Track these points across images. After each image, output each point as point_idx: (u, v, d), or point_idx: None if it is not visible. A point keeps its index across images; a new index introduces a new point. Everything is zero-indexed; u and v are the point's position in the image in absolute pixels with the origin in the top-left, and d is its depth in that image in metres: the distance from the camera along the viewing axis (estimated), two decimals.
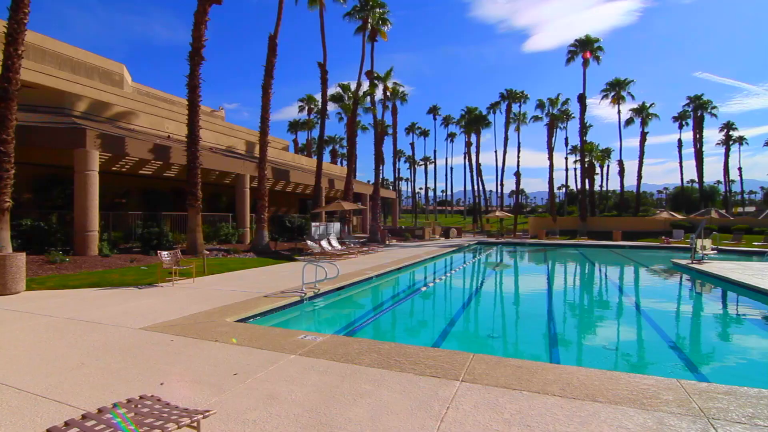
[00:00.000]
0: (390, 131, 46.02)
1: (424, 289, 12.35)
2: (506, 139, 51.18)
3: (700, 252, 15.42)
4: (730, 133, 61.55)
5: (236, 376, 4.19)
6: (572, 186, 69.08)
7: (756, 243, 23.27)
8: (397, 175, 66.40)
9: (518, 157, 48.86)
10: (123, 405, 2.74)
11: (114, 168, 18.07)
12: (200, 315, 6.81)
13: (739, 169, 71.93)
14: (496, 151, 78.88)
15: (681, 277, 14.10)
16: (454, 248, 22.85)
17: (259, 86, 19.03)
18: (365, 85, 28.45)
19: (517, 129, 50.81)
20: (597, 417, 3.34)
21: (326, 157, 63.56)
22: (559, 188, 72.17)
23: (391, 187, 68.23)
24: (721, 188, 66.33)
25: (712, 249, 18.11)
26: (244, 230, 21.21)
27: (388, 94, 36.79)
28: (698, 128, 52.75)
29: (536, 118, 48.45)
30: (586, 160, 44.91)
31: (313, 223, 20.66)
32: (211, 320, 6.46)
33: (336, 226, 22.05)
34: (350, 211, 27.53)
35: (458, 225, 47.16)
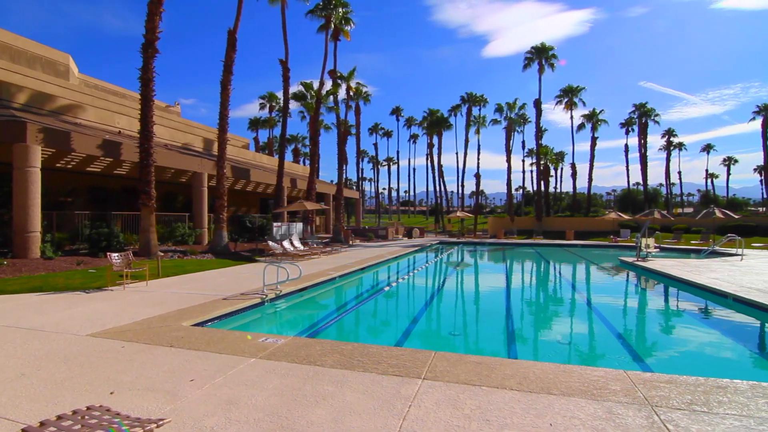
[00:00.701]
0: (353, 131, 45.89)
1: (387, 288, 12.42)
2: (467, 141, 52.42)
3: (645, 250, 16.44)
4: (671, 139, 66.20)
5: (193, 382, 4.04)
6: (529, 187, 71.66)
7: (694, 241, 25.11)
8: (360, 176, 66.41)
9: (478, 159, 50.20)
10: (68, 417, 2.58)
11: (58, 164, 16.91)
12: (154, 319, 6.51)
13: (679, 172, 77.52)
14: (457, 153, 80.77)
15: (628, 274, 14.98)
16: (416, 248, 23.11)
17: (217, 82, 18.43)
18: (328, 84, 28.23)
19: (477, 132, 52.09)
20: (551, 409, 3.49)
21: (288, 156, 62.54)
22: (516, 189, 74.81)
23: (354, 187, 68.07)
24: (663, 190, 71.10)
25: (656, 247, 19.37)
26: (201, 231, 20.46)
27: (351, 93, 36.67)
28: (643, 134, 56.40)
29: (495, 122, 49.83)
30: (542, 162, 46.76)
31: (275, 224, 20.26)
32: (165, 325, 6.19)
33: (298, 227, 21.73)
34: (313, 211, 27.21)
35: (421, 225, 47.79)
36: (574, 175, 58.30)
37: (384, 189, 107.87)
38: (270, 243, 16.39)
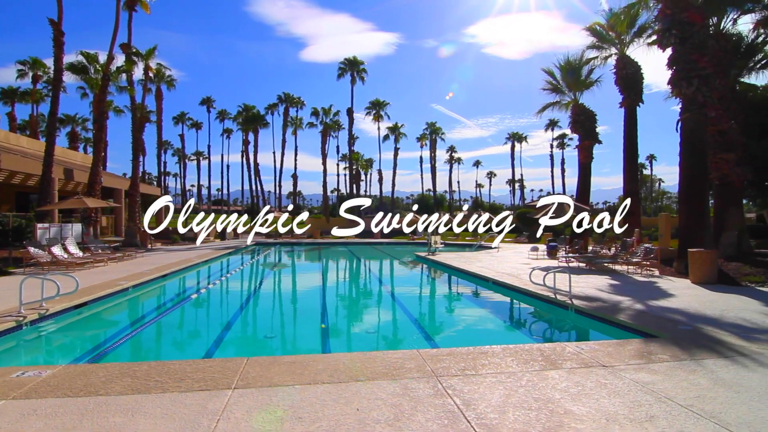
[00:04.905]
0: (153, 118, 40.19)
1: (194, 296, 11.29)
2: (284, 141, 52.21)
3: (434, 246, 19.50)
4: (453, 154, 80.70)
5: None
6: (343, 190, 75.95)
7: (468, 238, 30.97)
8: (162, 170, 58.34)
9: (295, 160, 50.56)
10: None
11: None
12: None
13: (458, 182, 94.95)
14: (274, 153, 78.82)
15: (421, 267, 17.43)
16: (230, 250, 21.73)
17: None
18: (120, 60, 23.93)
19: (294, 133, 52.50)
20: (359, 394, 3.81)
21: (63, 141, 50.15)
22: (332, 191, 77.99)
23: (155, 183, 59.47)
24: (448, 196, 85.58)
25: (442, 243, 23.12)
26: None
27: (152, 75, 32.06)
28: (433, 149, 66.80)
29: (311, 125, 51.11)
30: (354, 167, 50.24)
31: (40, 225, 16.03)
32: None
33: (76, 228, 17.73)
34: (98, 210, 22.58)
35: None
36: (380, 180, 64.75)
37: (193, 186, 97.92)
38: (32, 249, 12.85)
